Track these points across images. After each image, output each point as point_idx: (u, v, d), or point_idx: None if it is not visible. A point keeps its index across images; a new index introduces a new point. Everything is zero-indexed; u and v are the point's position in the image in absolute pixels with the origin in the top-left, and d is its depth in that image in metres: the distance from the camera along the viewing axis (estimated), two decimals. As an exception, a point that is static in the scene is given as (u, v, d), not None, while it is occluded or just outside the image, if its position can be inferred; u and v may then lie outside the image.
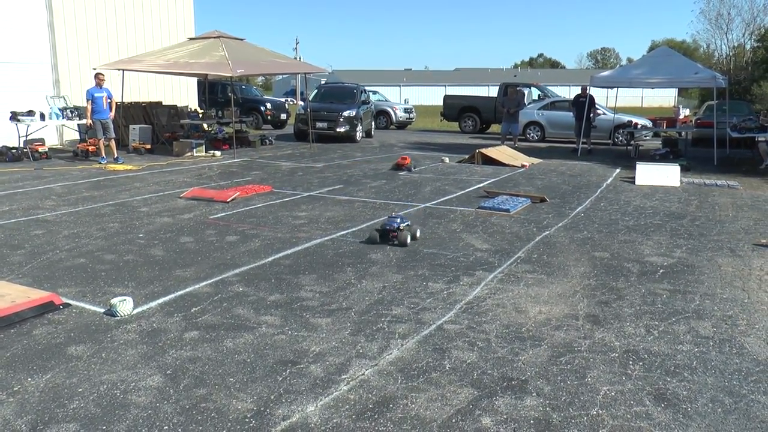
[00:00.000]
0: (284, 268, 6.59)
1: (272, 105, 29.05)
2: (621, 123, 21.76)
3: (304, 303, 5.54)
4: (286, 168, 14.66)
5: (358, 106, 22.49)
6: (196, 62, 16.70)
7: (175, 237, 7.83)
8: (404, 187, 12.02)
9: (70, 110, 16.57)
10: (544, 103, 24.44)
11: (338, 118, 21.50)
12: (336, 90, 24.18)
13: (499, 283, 6.19)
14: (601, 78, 18.87)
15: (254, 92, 31.36)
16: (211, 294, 5.74)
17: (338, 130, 21.47)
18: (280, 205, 9.95)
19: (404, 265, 6.74)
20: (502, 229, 8.49)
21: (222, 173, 13.59)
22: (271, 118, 28.44)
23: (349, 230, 8.31)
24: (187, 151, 16.94)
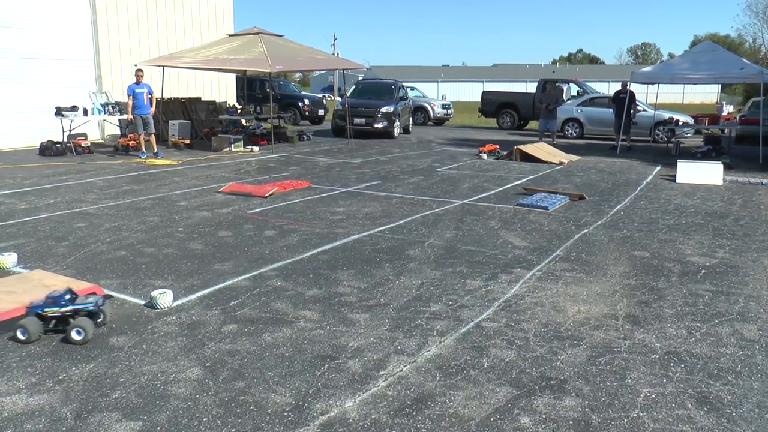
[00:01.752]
0: (322, 263, 6.61)
1: (310, 101, 29.20)
2: (661, 120, 21.41)
3: (342, 298, 5.56)
4: (323, 164, 14.71)
5: (396, 102, 22.47)
6: (235, 58, 16.84)
7: (213, 231, 7.91)
8: (442, 183, 11.98)
9: (111, 106, 16.87)
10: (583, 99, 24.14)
11: (376, 114, 21.50)
12: (374, 86, 24.18)
13: (538, 281, 6.14)
14: (642, 74, 18.57)
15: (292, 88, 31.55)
16: (249, 288, 5.78)
17: (376, 126, 21.48)
18: (318, 201, 9.99)
19: (442, 261, 6.72)
20: (540, 227, 8.41)
21: (260, 168, 13.69)
22: (308, 114, 28.58)
23: (386, 226, 8.31)
24: (226, 146, 17.11)
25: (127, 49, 19.73)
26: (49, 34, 17.95)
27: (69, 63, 18.48)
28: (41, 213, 8.84)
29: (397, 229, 8.15)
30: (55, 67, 18.16)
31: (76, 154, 15.59)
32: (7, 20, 17.04)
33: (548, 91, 20.82)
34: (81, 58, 18.79)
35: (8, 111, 17.06)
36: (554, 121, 20.30)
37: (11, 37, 17.13)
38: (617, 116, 18.99)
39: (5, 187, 10.87)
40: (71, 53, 18.53)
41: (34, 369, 4.21)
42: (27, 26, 17.46)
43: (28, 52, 17.54)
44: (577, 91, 27.11)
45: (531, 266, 6.61)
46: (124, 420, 3.61)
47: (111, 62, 19.32)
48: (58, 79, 18.17)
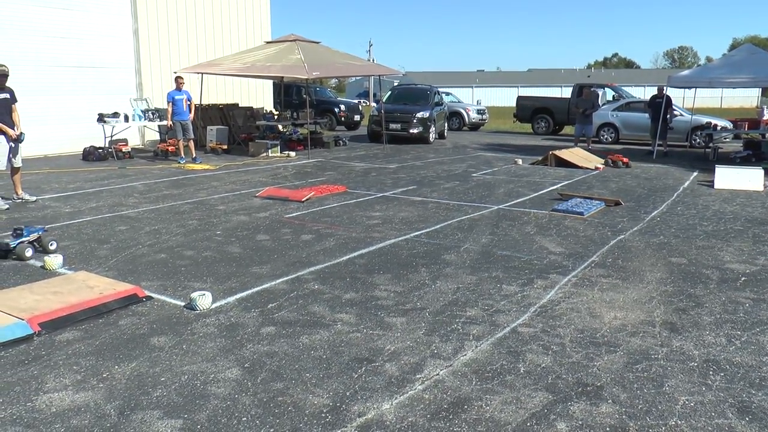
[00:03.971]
0: (359, 267, 6.64)
1: (346, 106, 29.33)
2: (699, 124, 21.07)
3: (378, 302, 5.57)
4: (359, 169, 14.77)
5: (432, 108, 22.47)
6: (273, 65, 17.00)
7: (251, 235, 7.99)
8: (478, 188, 11.94)
9: (151, 112, 17.14)
10: (619, 104, 23.88)
11: (412, 119, 21.52)
12: (409, 91, 24.20)
13: (574, 286, 6.09)
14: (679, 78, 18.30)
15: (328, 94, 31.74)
16: (287, 291, 5.83)
17: (411, 132, 21.50)
18: (355, 206, 10.03)
19: (478, 266, 6.71)
20: (576, 232, 8.35)
21: (296, 173, 13.79)
22: (344, 120, 28.71)
23: (422, 231, 8.31)
24: (263, 151, 17.27)
25: (167, 56, 20.04)
26: (92, 43, 18.32)
27: (111, 71, 18.84)
28: (85, 216, 9.01)
29: (433, 234, 8.14)
30: (98, 75, 18.52)
31: (117, 159, 15.88)
32: (53, 31, 17.43)
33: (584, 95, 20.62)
34: (123, 66, 19.14)
35: (53, 118, 17.44)
36: (590, 126, 20.09)
37: (56, 47, 17.52)
38: (653, 121, 18.76)
39: (51, 191, 11.11)
40: (113, 61, 18.89)
41: (80, 367, 4.30)
42: (71, 36, 17.84)
43: (72, 60, 17.92)
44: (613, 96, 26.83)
45: (567, 272, 6.56)
46: (165, 418, 3.67)
47: (151, 70, 19.65)
48: (100, 87, 18.53)
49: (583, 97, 20.59)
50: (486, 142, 23.18)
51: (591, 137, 20.42)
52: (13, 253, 6.80)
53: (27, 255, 6.76)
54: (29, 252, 6.79)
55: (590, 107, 19.74)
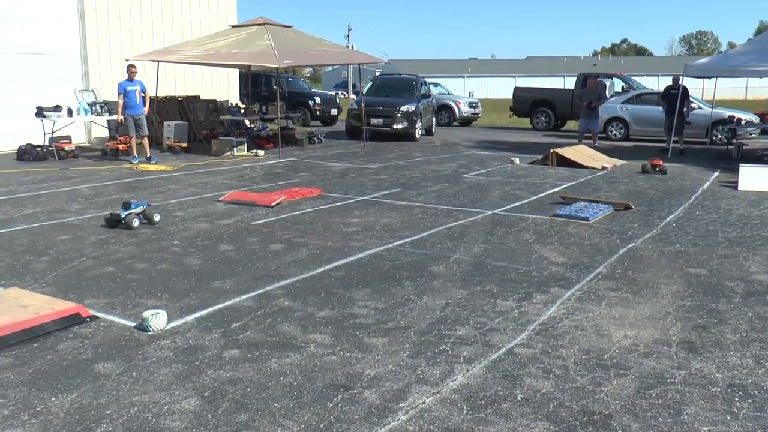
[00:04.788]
0: (335, 280, 6.60)
1: (321, 99, 29.33)
2: (720, 118, 21.25)
3: (357, 320, 5.54)
4: (336, 169, 14.74)
5: (418, 100, 22.50)
6: (239, 52, 16.95)
7: (213, 245, 7.93)
8: (469, 191, 11.94)
9: (99, 105, 17.02)
10: (629, 95, 24.05)
11: (395, 113, 21.54)
12: (393, 82, 24.24)
13: (578, 301, 6.09)
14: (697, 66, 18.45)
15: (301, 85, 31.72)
16: (253, 308, 5.78)
17: (395, 127, 21.51)
18: (331, 211, 10.00)
19: (470, 279, 6.69)
20: (580, 240, 8.36)
21: (265, 175, 13.73)
22: (320, 114, 28.70)
23: (407, 239, 8.29)
24: (227, 150, 17.19)
25: (118, 42, 19.92)
26: (30, 26, 18.16)
27: (52, 58, 18.68)
28: (18, 224, 8.91)
29: (418, 243, 8.13)
30: (37, 63, 18.35)
31: (59, 159, 15.74)
32: (-16, 11, 17.28)
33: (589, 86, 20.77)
34: (66, 52, 19.00)
35: (-15, 111, 17.26)
36: (596, 121, 20.21)
37: (-10, 30, 17.36)
38: (668, 115, 18.87)
39: (-18, 196, 10.98)
40: (54, 47, 18.74)
41: (7, 400, 4.22)
42: (5, 18, 17.66)
43: (5, 46, 17.71)
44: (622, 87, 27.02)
45: (570, 285, 6.56)
46: (111, 457, 3.61)
47: (100, 57, 19.51)
48: (39, 76, 18.35)
49: (587, 89, 20.73)
50: (479, 139, 23.23)
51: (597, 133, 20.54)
52: (123, 222, 8.70)
53: (134, 224, 8.70)
54: (136, 222, 8.76)
55: (596, 99, 19.86)
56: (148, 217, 8.99)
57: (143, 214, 9.01)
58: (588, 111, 19.75)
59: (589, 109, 19.72)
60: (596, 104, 19.88)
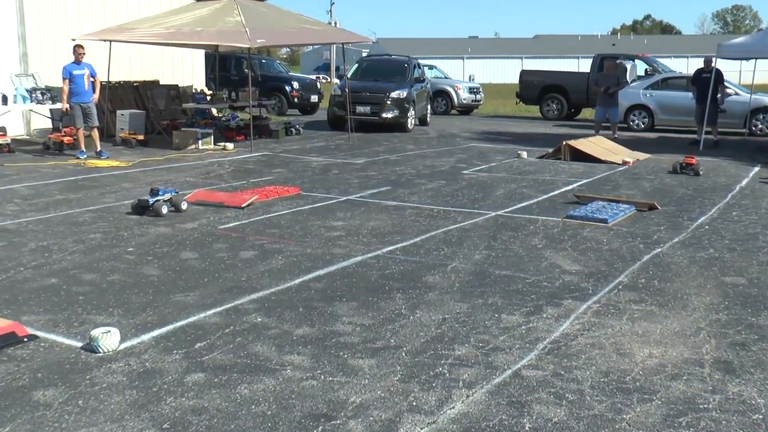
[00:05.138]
0: (315, 293, 6.59)
1: (300, 84, 29.31)
2: (760, 106, 21.32)
3: (340, 339, 5.52)
4: (317, 165, 14.73)
5: (410, 86, 22.51)
6: (205, 30, 16.90)
7: (174, 252, 7.91)
8: (469, 189, 11.95)
9: (40, 92, 16.88)
10: (653, 80, 24.16)
11: (384, 100, 21.56)
12: (381, 65, 24.24)
13: (595, 316, 6.09)
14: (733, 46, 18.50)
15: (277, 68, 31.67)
16: (220, 325, 5.75)
17: (384, 116, 21.53)
18: (310, 213, 9.99)
19: (470, 291, 6.68)
20: (597, 245, 8.37)
21: (235, 171, 13.70)
22: (298, 101, 28.70)
23: (398, 245, 8.29)
24: (191, 143, 17.15)
25: (63, 19, 19.81)
26: (-37, 0, 18.06)
27: (-13, 37, 18.58)
28: (-49, 229, 8.85)
29: (411, 249, 8.13)
30: (-29, 43, 18.26)
31: (-4, 153, 15.66)
32: None
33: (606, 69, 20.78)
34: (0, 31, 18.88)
35: None
36: (615, 109, 20.25)
37: None
38: (699, 102, 18.93)
39: None
40: (-10, 25, 18.63)
41: (-63, 432, 4.18)
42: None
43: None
44: (646, 70, 27.12)
45: (586, 296, 6.56)
46: (53, 499, 3.57)
47: (41, 36, 19.38)
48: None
49: (605, 72, 20.75)
50: (481, 130, 23.27)
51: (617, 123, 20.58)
52: (151, 210, 9.58)
53: (163, 212, 9.58)
54: (164, 209, 9.63)
55: (615, 85, 19.90)
56: (176, 205, 9.85)
57: (171, 201, 9.84)
58: (606, 98, 19.78)
59: (607, 95, 19.76)
60: (615, 90, 19.92)
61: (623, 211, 9.97)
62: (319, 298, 6.45)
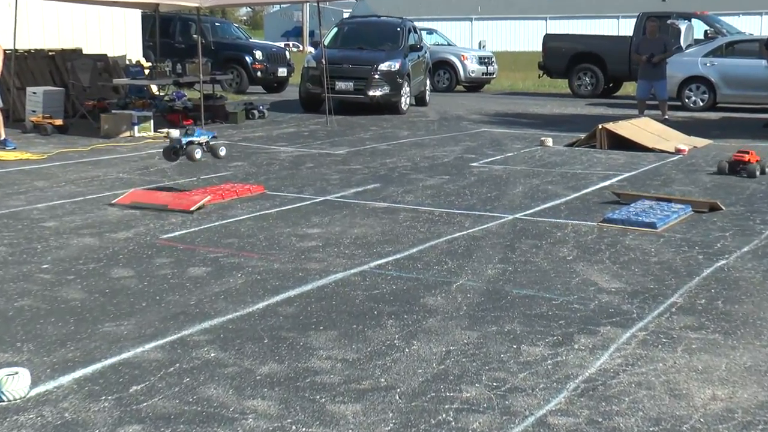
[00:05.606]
0: (285, 320, 6.57)
1: (264, 54, 29.24)
2: None
3: (317, 379, 5.51)
4: (286, 156, 14.76)
5: (404, 55, 22.50)
6: (140, -16, 16.89)
7: (103, 269, 7.89)
8: (480, 186, 11.95)
9: None
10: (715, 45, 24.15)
11: (371, 74, 21.56)
12: (368, 28, 24.25)
13: (641, 346, 6.08)
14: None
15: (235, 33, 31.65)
16: (163, 363, 5.73)
17: (371, 95, 21.55)
18: (278, 217, 10.00)
19: (481, 315, 6.67)
20: (643, 257, 8.38)
21: (182, 165, 13.67)
22: (261, 76, 28.66)
23: (390, 257, 8.30)
24: (125, 129, 17.12)
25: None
26: None
27: None
28: None
29: (406, 263, 8.14)
30: None
31: None
32: None
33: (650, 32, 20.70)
34: None
35: None
36: (662, 83, 20.17)
37: None
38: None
39: None
40: None
41: None
42: None
43: None
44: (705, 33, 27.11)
45: (629, 322, 6.56)
46: None
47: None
48: None
49: (648, 35, 20.67)
50: (493, 111, 23.30)
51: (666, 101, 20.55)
52: (183, 151, 10.56)
53: (196, 156, 10.62)
54: (198, 153, 10.61)
55: (661, 51, 19.82)
56: (213, 150, 10.95)
57: (207, 145, 10.79)
58: (650, 69, 19.73)
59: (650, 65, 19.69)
60: (661, 58, 19.84)
61: (676, 212, 9.98)
62: (290, 327, 6.42)
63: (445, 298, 7.11)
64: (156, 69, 20.08)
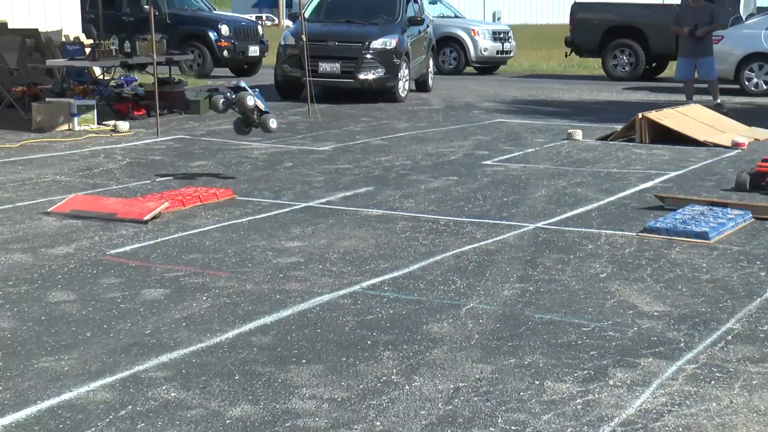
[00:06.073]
0: (259, 352, 6.58)
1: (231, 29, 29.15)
2: None
3: (299, 422, 5.52)
4: (260, 154, 14.80)
5: (402, 30, 22.48)
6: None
7: (38, 292, 7.89)
8: (494, 189, 11.98)
9: None
10: (779, 15, 24.14)
11: (362, 53, 21.58)
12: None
13: (691, 382, 6.10)
14: None
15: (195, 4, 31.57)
16: (112, 405, 5.73)
17: (362, 78, 21.54)
18: (251, 228, 10.03)
19: (496, 345, 6.69)
20: (693, 274, 8.40)
21: (133, 165, 13.68)
22: (229, 56, 28.58)
23: (386, 276, 8.32)
24: (62, 121, 17.10)
25: None
26: None
27: None
28: None
29: (406, 282, 8.16)
30: None
31: None
32: None
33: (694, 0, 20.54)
34: None
35: None
36: (708, 60, 19.93)
37: None
38: None
39: None
40: None
41: None
42: None
43: None
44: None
45: (676, 353, 6.58)
46: None
47: None
48: None
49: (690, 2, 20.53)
50: (511, 98, 23.31)
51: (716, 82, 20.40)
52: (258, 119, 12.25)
53: (272, 126, 12.21)
54: (274, 123, 12.23)
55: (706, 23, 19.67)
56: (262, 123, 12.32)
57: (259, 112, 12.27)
58: (692, 44, 19.57)
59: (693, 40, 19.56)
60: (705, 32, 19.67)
61: (733, 220, 10.00)
62: (266, 360, 6.43)
63: (453, 324, 7.13)
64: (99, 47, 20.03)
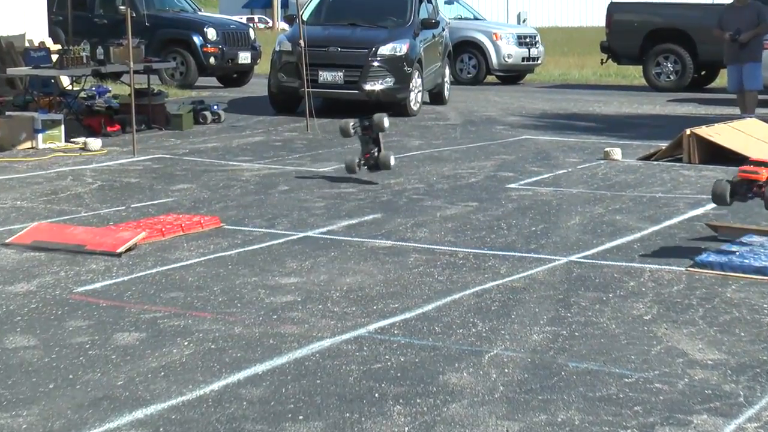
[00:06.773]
0: (250, 406, 6.55)
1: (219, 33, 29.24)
2: None
3: (294, 491, 5.50)
4: (252, 175, 14.82)
5: (414, 34, 22.55)
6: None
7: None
8: (520, 217, 11.97)
9: None
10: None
11: (368, 60, 21.62)
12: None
13: (752, 442, 6.07)
14: None
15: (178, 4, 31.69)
16: (78, 469, 5.72)
17: (369, 89, 21.60)
18: (240, 262, 10.03)
19: (525, 399, 6.65)
20: (752, 316, 8.39)
21: (105, 189, 13.71)
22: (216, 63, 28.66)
23: (396, 318, 8.31)
24: (24, 138, 17.15)
25: None
26: None
27: None
28: None
29: (419, 325, 8.15)
30: None
31: None
32: None
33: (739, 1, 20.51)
34: None
35: None
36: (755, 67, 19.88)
37: None
38: None
39: None
40: None
41: None
42: None
43: None
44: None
45: (734, 409, 6.54)
46: None
47: None
48: None
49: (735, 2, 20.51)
50: (539, 111, 23.40)
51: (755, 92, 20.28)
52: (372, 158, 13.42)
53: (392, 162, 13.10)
54: (393, 160, 13.16)
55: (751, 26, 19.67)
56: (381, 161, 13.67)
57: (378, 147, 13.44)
58: (736, 50, 19.58)
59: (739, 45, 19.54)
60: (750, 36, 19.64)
61: (797, 252, 9.99)
62: (257, 416, 6.40)
63: (474, 374, 7.10)
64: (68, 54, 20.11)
